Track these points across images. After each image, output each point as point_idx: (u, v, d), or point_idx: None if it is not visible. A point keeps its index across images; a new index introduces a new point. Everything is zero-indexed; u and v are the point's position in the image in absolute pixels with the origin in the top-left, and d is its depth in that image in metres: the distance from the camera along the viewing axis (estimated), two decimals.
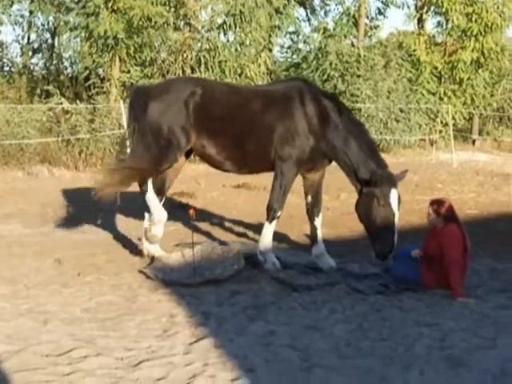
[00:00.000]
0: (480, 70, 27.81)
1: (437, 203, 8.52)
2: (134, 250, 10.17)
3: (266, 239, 9.32)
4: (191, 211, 9.34)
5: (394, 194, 8.71)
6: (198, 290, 8.21)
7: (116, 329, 6.85)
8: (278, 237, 11.00)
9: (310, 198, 9.55)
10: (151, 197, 9.33)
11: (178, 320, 7.16)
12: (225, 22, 22.83)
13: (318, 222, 9.51)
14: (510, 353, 6.22)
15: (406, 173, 9.20)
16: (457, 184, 18.10)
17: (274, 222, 9.31)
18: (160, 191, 9.55)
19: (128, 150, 9.71)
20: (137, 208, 12.85)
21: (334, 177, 9.30)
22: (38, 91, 24.88)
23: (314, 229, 9.53)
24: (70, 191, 15.38)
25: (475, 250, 8.68)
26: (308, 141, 9.08)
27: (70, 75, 27.03)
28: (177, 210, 11.99)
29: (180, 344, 6.43)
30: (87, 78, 23.38)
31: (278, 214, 9.28)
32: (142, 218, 9.85)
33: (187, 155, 9.82)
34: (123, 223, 11.88)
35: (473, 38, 27.02)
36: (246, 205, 14.27)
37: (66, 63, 28.75)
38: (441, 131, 27.21)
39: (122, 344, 6.39)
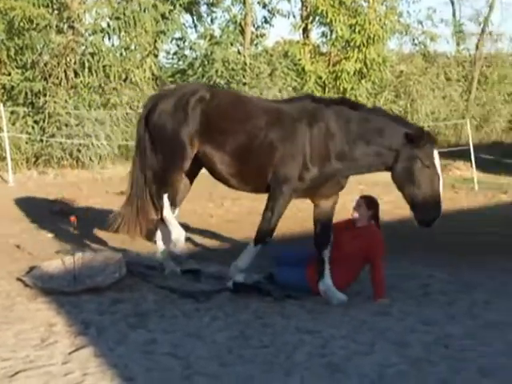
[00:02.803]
0: (363, 81, 28.35)
1: (369, 198, 8.71)
2: (12, 257, 9.93)
3: (245, 259, 8.55)
4: (72, 218, 9.18)
5: (436, 155, 8.06)
6: (79, 298, 8.05)
7: None
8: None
9: (318, 227, 8.61)
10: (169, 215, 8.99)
11: (57, 329, 7.00)
12: (109, 26, 22.57)
13: (326, 253, 8.48)
14: (386, 358, 6.35)
15: None
16: (340, 193, 18.34)
17: (259, 246, 8.50)
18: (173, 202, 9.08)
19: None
20: (14, 213, 12.58)
21: (219, 185, 9.25)
22: None
23: (321, 262, 8.48)
24: None
25: None
26: (313, 163, 8.37)
27: None
28: (57, 217, 11.77)
29: (59, 353, 6.28)
30: None
31: (267, 239, 8.50)
32: (21, 224, 9.62)
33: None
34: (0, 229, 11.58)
35: (356, 49, 27.53)
36: None
37: None
38: None
39: None
